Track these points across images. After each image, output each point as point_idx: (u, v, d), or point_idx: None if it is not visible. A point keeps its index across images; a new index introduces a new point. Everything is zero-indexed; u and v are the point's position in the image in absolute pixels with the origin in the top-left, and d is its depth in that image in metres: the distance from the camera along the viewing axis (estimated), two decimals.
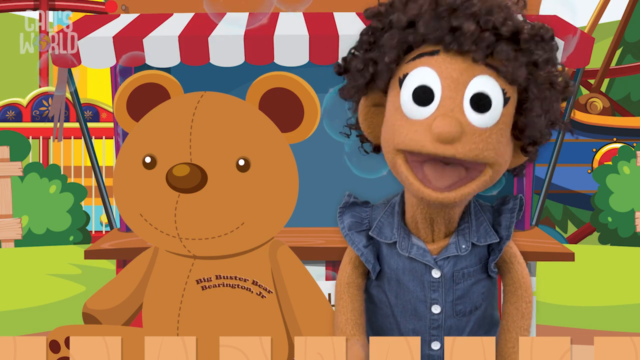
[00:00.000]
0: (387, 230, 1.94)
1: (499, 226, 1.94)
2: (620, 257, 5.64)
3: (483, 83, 1.70)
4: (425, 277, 1.91)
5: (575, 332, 4.29)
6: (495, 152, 1.72)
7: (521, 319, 1.93)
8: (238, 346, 1.65)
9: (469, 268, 1.92)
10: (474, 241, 1.90)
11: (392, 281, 1.95)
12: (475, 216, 1.92)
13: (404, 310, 1.95)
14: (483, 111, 1.70)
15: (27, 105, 7.12)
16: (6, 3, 7.62)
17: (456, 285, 1.92)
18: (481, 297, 1.96)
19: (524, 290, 1.96)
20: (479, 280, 1.95)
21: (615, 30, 7.83)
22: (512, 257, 1.98)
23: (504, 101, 1.72)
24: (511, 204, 1.94)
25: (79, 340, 1.68)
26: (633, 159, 6.31)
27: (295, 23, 3.69)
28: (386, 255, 1.95)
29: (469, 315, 1.95)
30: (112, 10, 3.97)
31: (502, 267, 1.98)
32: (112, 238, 3.75)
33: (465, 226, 1.91)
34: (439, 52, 1.72)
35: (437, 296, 1.91)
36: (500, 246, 1.92)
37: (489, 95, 1.70)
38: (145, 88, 2.14)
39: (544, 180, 3.97)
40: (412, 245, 1.90)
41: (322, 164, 3.42)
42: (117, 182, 2.12)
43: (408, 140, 1.72)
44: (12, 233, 6.08)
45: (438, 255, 1.90)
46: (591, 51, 3.53)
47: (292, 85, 2.10)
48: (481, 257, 1.94)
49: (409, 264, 1.92)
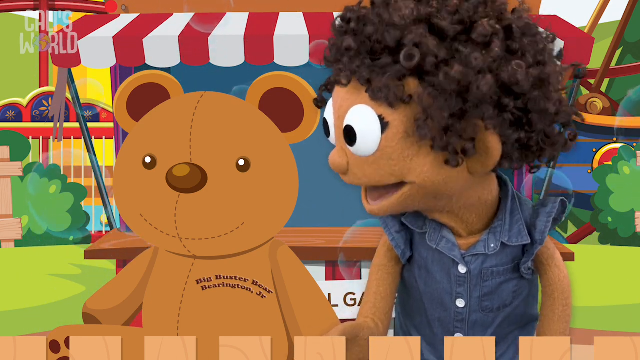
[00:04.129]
0: (420, 220, 1.93)
1: (534, 228, 1.89)
2: (620, 257, 5.64)
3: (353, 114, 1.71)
4: (452, 271, 1.90)
5: (575, 332, 4.29)
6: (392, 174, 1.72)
7: (557, 322, 1.91)
8: (238, 346, 1.64)
9: (499, 267, 1.90)
10: (504, 241, 1.88)
11: (422, 269, 1.95)
12: (511, 214, 1.89)
13: (431, 298, 1.94)
14: (351, 143, 1.72)
15: (27, 105, 7.12)
16: (6, 3, 7.62)
17: (484, 282, 1.90)
18: (512, 296, 1.93)
19: (560, 293, 1.92)
20: (510, 279, 1.91)
21: (615, 30, 7.83)
22: (549, 258, 1.94)
23: (382, 127, 1.68)
24: (550, 207, 1.89)
25: (79, 340, 1.68)
26: (633, 159, 6.31)
27: (295, 23, 3.70)
28: (418, 243, 1.95)
29: (497, 311, 1.93)
30: (112, 10, 3.98)
31: (539, 269, 1.95)
32: (112, 238, 3.76)
33: (498, 224, 1.89)
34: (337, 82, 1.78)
35: (462, 290, 1.91)
36: (532, 250, 1.89)
37: (353, 127, 1.71)
38: (145, 88, 2.15)
39: (544, 180, 3.97)
40: (442, 238, 1.89)
41: (322, 164, 3.43)
42: (117, 182, 2.12)
43: None
44: (12, 233, 6.08)
45: (467, 251, 1.89)
46: (591, 51, 3.54)
47: (292, 85, 2.11)
48: (514, 257, 1.91)
49: (438, 255, 1.91)
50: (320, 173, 3.41)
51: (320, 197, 3.03)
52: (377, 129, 1.69)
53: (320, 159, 3.52)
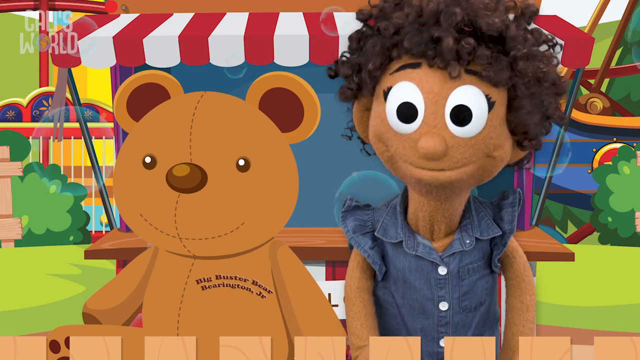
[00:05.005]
0: (392, 231, 1.95)
1: (501, 220, 1.96)
2: (620, 257, 5.64)
3: (464, 94, 1.72)
4: (431, 275, 1.93)
5: (575, 332, 4.29)
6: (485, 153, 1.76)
7: (526, 311, 1.95)
8: (238, 346, 1.65)
9: (473, 264, 1.94)
10: (477, 235, 1.93)
11: (399, 281, 1.96)
12: (476, 212, 1.95)
13: (411, 309, 1.96)
14: (464, 124, 1.71)
15: (27, 105, 7.12)
16: (6, 3, 7.62)
17: (462, 281, 1.93)
18: (485, 293, 1.98)
19: (527, 283, 1.98)
20: (483, 276, 1.97)
21: (615, 30, 7.82)
22: (513, 251, 2.00)
23: (489, 106, 1.74)
24: (511, 198, 1.97)
25: (79, 340, 1.68)
26: (633, 159, 6.30)
27: (295, 23, 3.69)
28: (392, 256, 1.96)
29: (475, 310, 1.96)
30: (112, 10, 3.97)
31: (504, 262, 2.00)
32: (112, 238, 3.75)
33: (467, 222, 1.93)
34: (420, 65, 1.75)
35: (444, 293, 1.93)
36: (504, 240, 1.95)
37: (469, 107, 1.71)
38: (145, 88, 2.15)
39: (544, 180, 3.97)
40: (418, 243, 1.92)
41: (322, 164, 3.42)
42: (117, 182, 2.12)
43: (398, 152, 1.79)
44: (12, 233, 6.08)
45: (444, 253, 1.92)
46: (591, 51, 3.53)
47: (292, 85, 2.10)
48: (484, 253, 1.96)
49: (415, 262, 1.93)
50: (320, 173, 3.42)
51: (320, 197, 3.02)
52: (486, 108, 1.73)
53: (320, 159, 3.52)
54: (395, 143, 1.79)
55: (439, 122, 1.72)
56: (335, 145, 3.49)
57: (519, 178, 3.77)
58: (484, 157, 1.77)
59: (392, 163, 1.86)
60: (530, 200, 3.92)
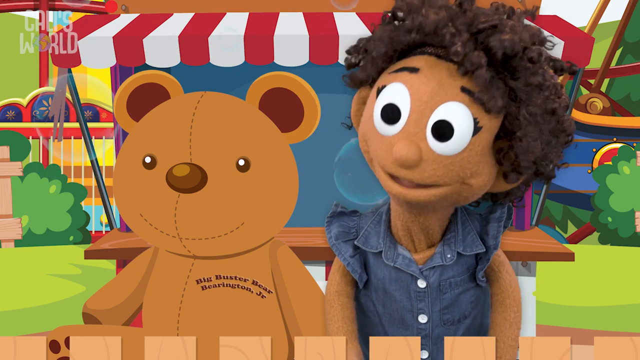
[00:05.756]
0: (374, 240, 1.92)
1: (486, 235, 1.91)
2: (620, 257, 5.64)
3: (451, 110, 1.66)
4: (411, 287, 1.90)
5: (575, 332, 4.29)
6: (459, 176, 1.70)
7: (509, 328, 1.91)
8: (238, 346, 1.64)
9: (455, 277, 1.90)
10: (459, 250, 1.88)
11: (379, 290, 1.94)
12: (462, 225, 1.90)
13: (391, 319, 1.94)
14: (443, 140, 1.67)
15: (27, 105, 7.12)
16: (6, 3, 7.62)
17: (443, 294, 1.90)
18: (470, 306, 1.94)
19: (512, 300, 1.93)
20: (467, 290, 1.92)
21: (615, 30, 7.82)
22: (499, 265, 1.95)
23: (475, 130, 1.67)
24: (499, 212, 1.91)
25: (79, 340, 1.68)
26: (633, 159, 6.30)
27: (295, 23, 3.70)
28: (373, 265, 1.94)
29: (458, 324, 1.93)
30: (112, 10, 3.98)
31: (490, 276, 1.96)
32: (112, 238, 3.76)
33: (451, 235, 1.89)
34: (419, 70, 1.71)
35: (423, 306, 1.90)
36: (487, 255, 1.90)
37: (452, 124, 1.67)
38: (145, 88, 2.15)
39: None
40: (398, 255, 1.89)
41: (322, 164, 3.43)
42: (117, 182, 2.12)
43: (375, 154, 1.76)
44: (12, 233, 6.08)
45: (424, 265, 1.88)
46: (591, 51, 3.53)
47: (292, 85, 2.10)
48: (469, 267, 1.92)
49: (395, 273, 1.90)
50: (320, 173, 3.42)
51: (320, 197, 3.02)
52: (470, 131, 1.68)
53: (320, 159, 3.52)
54: (374, 144, 1.75)
55: (420, 132, 1.67)
56: (335, 145, 3.49)
57: None
58: (458, 181, 1.70)
59: (371, 165, 1.83)
60: (530, 200, 3.92)
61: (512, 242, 3.59)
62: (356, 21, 3.67)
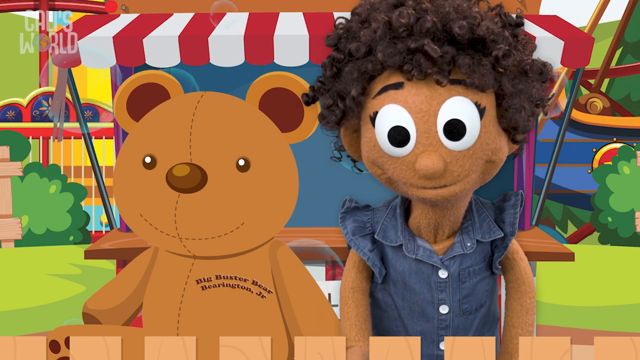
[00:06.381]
0: (392, 233, 1.93)
1: (502, 222, 1.94)
2: (620, 257, 5.64)
3: (453, 107, 1.69)
4: (432, 278, 1.91)
5: (575, 332, 4.29)
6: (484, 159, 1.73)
7: (526, 314, 1.94)
8: (238, 346, 1.65)
9: (474, 266, 1.92)
10: (478, 238, 1.90)
11: (399, 284, 1.94)
12: (478, 213, 1.93)
13: (411, 312, 1.94)
14: (459, 137, 1.69)
15: (27, 105, 7.12)
16: (6, 3, 7.62)
17: (462, 284, 1.92)
18: (485, 295, 1.96)
19: (527, 286, 1.96)
20: (483, 278, 1.95)
21: (615, 30, 7.82)
22: (514, 253, 1.98)
23: (480, 114, 1.71)
24: (513, 200, 1.95)
25: (79, 340, 1.68)
26: (633, 159, 6.31)
27: (295, 23, 3.69)
28: (391, 259, 1.95)
29: (475, 313, 1.95)
30: (112, 10, 3.97)
31: (505, 264, 1.98)
32: (112, 238, 3.75)
33: (468, 224, 1.91)
34: (403, 85, 1.71)
35: (444, 296, 1.91)
36: (505, 242, 1.93)
37: (461, 120, 1.69)
38: (145, 88, 2.14)
39: (544, 180, 3.97)
40: (418, 247, 1.90)
41: (322, 164, 3.42)
42: (117, 182, 2.12)
43: (396, 175, 1.76)
44: (12, 233, 6.08)
45: (444, 256, 1.90)
46: (591, 51, 3.53)
47: (292, 85, 2.10)
48: (485, 255, 1.94)
49: (416, 265, 1.91)
50: (321, 173, 3.42)
51: (320, 197, 3.02)
52: (477, 116, 1.70)
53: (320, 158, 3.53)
54: (391, 167, 1.76)
55: (433, 140, 1.69)
56: None
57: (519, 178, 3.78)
58: (484, 163, 1.75)
59: (391, 184, 1.84)
60: (530, 200, 3.92)
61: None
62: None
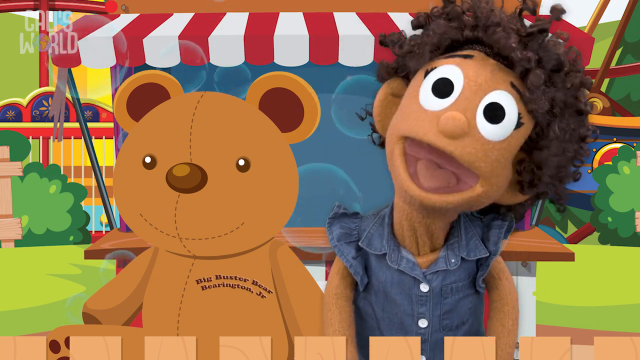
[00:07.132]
0: (377, 242, 1.92)
1: (487, 241, 1.91)
2: (620, 257, 5.65)
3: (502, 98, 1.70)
4: (413, 291, 1.89)
5: (575, 332, 4.29)
6: (491, 168, 1.71)
7: (507, 335, 1.91)
8: (238, 346, 1.64)
9: (457, 283, 1.90)
10: (463, 255, 1.88)
11: (380, 294, 1.93)
12: (465, 230, 1.90)
13: (390, 323, 1.93)
14: (494, 122, 1.69)
15: (27, 105, 7.12)
16: (6, 3, 7.62)
17: (444, 299, 1.89)
18: (468, 312, 1.93)
19: (511, 307, 1.93)
20: (466, 295, 1.92)
21: (615, 30, 7.83)
22: (500, 272, 1.96)
23: (517, 124, 1.71)
24: (500, 221, 1.92)
25: (79, 340, 1.68)
26: (633, 159, 6.31)
27: (295, 23, 3.70)
28: (375, 268, 1.93)
29: (455, 330, 1.92)
30: (112, 10, 3.98)
31: (490, 283, 1.96)
32: (112, 238, 3.76)
33: (454, 240, 1.89)
34: (472, 57, 1.73)
35: (424, 310, 1.90)
36: (487, 261, 1.90)
37: (504, 107, 1.70)
38: (145, 88, 2.14)
39: None
40: (402, 257, 1.89)
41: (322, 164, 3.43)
42: (117, 182, 2.12)
43: (413, 126, 1.72)
44: (12, 233, 6.08)
45: (427, 269, 1.88)
46: (591, 51, 3.53)
47: (292, 85, 2.10)
48: (470, 272, 1.92)
49: (398, 277, 1.90)
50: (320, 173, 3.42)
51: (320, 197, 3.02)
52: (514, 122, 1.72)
53: (320, 158, 3.53)
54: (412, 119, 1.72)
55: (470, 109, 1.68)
56: (335, 145, 3.49)
57: None
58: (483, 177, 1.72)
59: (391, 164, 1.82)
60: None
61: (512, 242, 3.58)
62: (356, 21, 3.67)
